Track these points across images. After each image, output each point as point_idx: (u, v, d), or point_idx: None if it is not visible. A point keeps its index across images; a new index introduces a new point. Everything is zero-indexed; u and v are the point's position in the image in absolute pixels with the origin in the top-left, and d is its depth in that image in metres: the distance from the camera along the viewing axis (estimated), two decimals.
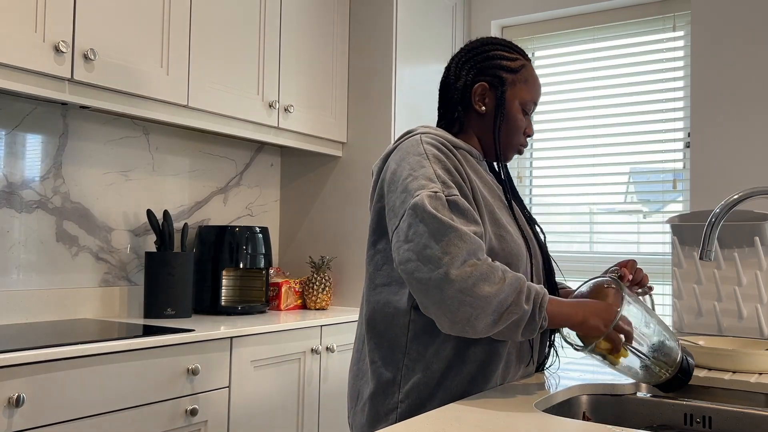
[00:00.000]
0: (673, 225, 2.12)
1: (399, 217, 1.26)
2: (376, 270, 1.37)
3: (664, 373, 1.27)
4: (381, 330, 1.35)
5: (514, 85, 1.43)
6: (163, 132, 2.70)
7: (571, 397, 1.33)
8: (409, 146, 1.34)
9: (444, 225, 1.20)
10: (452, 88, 1.46)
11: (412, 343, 1.31)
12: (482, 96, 1.43)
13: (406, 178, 1.28)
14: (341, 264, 3.04)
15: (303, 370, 2.48)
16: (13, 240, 2.24)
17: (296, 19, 2.82)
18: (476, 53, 1.46)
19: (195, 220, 2.82)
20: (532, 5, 3.29)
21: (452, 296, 1.17)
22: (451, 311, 1.17)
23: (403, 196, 1.27)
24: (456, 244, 1.18)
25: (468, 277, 1.17)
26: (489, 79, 1.43)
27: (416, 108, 3.09)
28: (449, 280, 1.17)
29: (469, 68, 1.45)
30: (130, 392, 1.89)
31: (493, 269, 1.19)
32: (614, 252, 3.12)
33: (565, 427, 1.03)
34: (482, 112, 1.43)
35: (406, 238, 1.23)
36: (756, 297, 1.93)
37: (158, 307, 2.42)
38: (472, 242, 1.20)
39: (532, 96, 1.45)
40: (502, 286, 1.18)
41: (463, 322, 1.18)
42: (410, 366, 1.31)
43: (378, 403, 1.33)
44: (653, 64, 3.07)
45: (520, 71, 1.44)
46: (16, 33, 1.89)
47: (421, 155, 1.30)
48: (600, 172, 3.18)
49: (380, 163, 1.41)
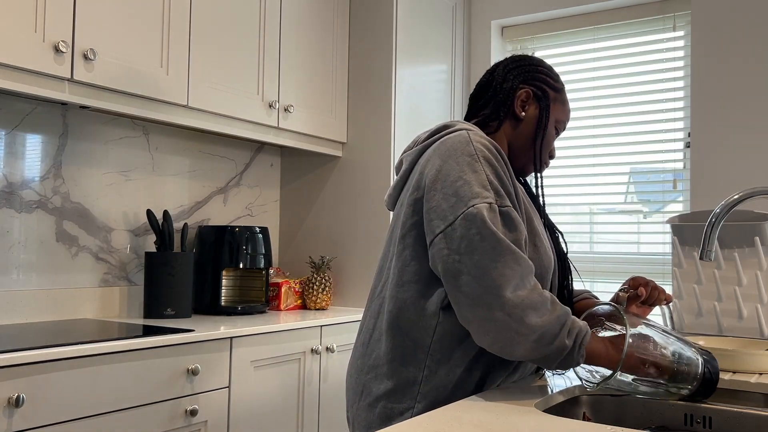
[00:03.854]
0: (673, 225, 2.12)
1: (447, 223, 1.23)
2: (405, 266, 1.33)
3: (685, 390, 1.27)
4: (405, 328, 1.31)
5: (555, 102, 1.46)
6: (163, 132, 2.70)
7: (571, 397, 1.33)
8: (456, 143, 1.30)
9: (501, 245, 1.19)
10: (497, 89, 1.46)
11: (437, 345, 1.29)
12: (525, 102, 1.44)
13: (456, 180, 1.25)
14: (341, 264, 3.04)
15: (303, 370, 2.48)
16: (13, 240, 2.23)
17: (296, 19, 2.82)
18: (525, 63, 1.48)
19: (195, 220, 2.82)
20: (532, 5, 3.29)
21: (499, 319, 1.17)
22: (495, 332, 1.18)
23: (453, 200, 1.24)
24: (511, 267, 1.18)
25: (519, 304, 1.17)
26: (534, 89, 1.45)
27: (416, 108, 3.09)
28: (500, 303, 1.17)
29: (518, 74, 1.46)
30: (130, 392, 1.89)
31: (543, 300, 1.20)
32: (614, 252, 3.12)
33: (565, 427, 1.03)
34: (521, 118, 1.44)
35: (458, 249, 1.21)
36: (756, 297, 1.93)
37: (158, 307, 2.42)
38: (526, 266, 1.20)
39: (565, 118, 1.49)
40: (550, 317, 1.19)
41: (503, 343, 1.19)
42: (432, 367, 1.29)
43: (394, 402, 1.30)
44: (653, 64, 3.07)
45: (561, 92, 1.48)
46: (16, 33, 1.89)
47: (472, 156, 1.27)
48: (600, 172, 3.18)
49: (414, 156, 1.38)
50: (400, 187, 1.40)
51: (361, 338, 1.41)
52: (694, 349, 1.28)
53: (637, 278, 1.42)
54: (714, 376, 1.26)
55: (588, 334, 1.22)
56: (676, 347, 1.27)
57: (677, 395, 1.27)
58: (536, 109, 1.44)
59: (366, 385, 1.36)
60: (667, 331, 1.30)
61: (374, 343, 1.36)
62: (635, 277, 1.43)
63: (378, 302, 1.38)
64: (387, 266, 1.39)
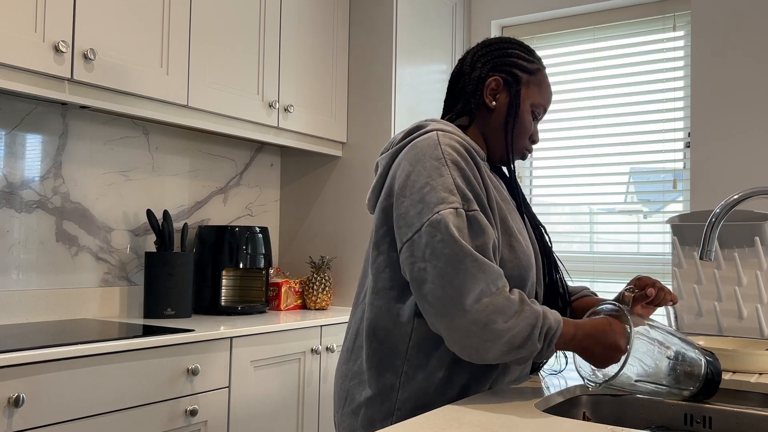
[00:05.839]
0: (673, 225, 2.12)
1: (414, 230, 1.22)
2: (379, 273, 1.32)
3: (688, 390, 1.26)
4: (382, 335, 1.31)
5: (528, 86, 1.40)
6: (163, 132, 2.70)
7: (571, 397, 1.33)
8: (425, 147, 1.27)
9: (464, 252, 1.17)
10: (466, 79, 1.42)
11: (413, 351, 1.28)
12: (495, 91, 1.39)
13: (423, 186, 1.23)
14: (341, 264, 3.04)
15: (303, 370, 2.48)
16: (13, 240, 2.23)
17: (296, 19, 2.82)
18: (494, 48, 1.42)
19: (195, 220, 2.82)
20: (532, 5, 3.29)
21: (464, 327, 1.16)
22: (462, 339, 1.18)
23: (419, 207, 1.22)
24: (473, 275, 1.17)
25: (483, 311, 1.16)
26: (504, 75, 1.39)
27: (416, 108, 3.09)
28: (464, 311, 1.16)
29: (486, 61, 1.41)
30: (130, 392, 1.89)
31: (510, 303, 1.18)
32: (614, 252, 3.12)
33: (565, 427, 1.03)
34: (492, 108, 1.40)
35: (423, 257, 1.20)
36: (756, 297, 1.93)
37: (158, 307, 2.42)
38: (491, 272, 1.18)
39: (544, 101, 1.42)
40: (517, 320, 1.17)
41: (472, 350, 1.18)
42: (410, 373, 1.28)
43: (374, 409, 1.30)
44: (653, 64, 3.07)
45: (536, 74, 1.42)
46: (16, 33, 1.89)
47: (440, 160, 1.25)
48: (600, 172, 3.18)
49: (388, 159, 1.35)
50: (377, 190, 1.37)
51: (346, 344, 1.40)
52: (698, 350, 1.28)
53: (643, 278, 1.37)
54: (716, 377, 1.26)
55: (559, 329, 1.20)
56: (679, 348, 1.27)
57: (679, 396, 1.27)
58: (507, 96, 1.39)
59: (350, 392, 1.35)
60: (670, 332, 1.30)
61: (357, 350, 1.35)
62: (641, 277, 1.38)
63: (361, 308, 1.37)
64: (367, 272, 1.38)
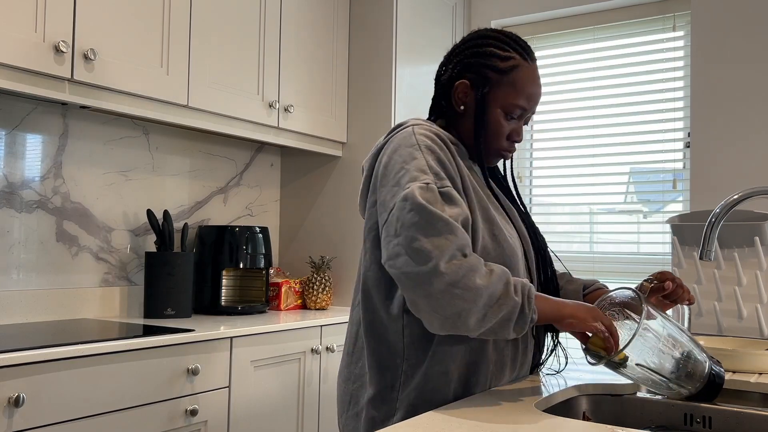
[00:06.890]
0: (673, 225, 2.12)
1: (388, 211, 1.22)
2: (367, 271, 1.33)
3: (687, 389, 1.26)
4: (378, 334, 1.30)
5: (499, 87, 1.33)
6: (163, 132, 2.70)
7: (571, 397, 1.33)
8: (401, 138, 1.29)
9: (434, 217, 1.16)
10: (437, 83, 1.41)
11: (410, 348, 1.28)
12: (463, 94, 1.36)
13: (398, 171, 1.24)
14: (341, 264, 3.04)
15: (303, 370, 2.48)
16: (13, 240, 2.23)
17: (296, 19, 2.82)
18: (468, 47, 1.38)
19: (195, 220, 2.82)
20: (532, 5, 3.29)
21: (442, 290, 1.13)
22: (442, 306, 1.14)
23: (394, 190, 1.23)
24: (446, 237, 1.15)
25: (457, 270, 1.14)
26: (473, 77, 1.35)
27: (416, 108, 3.09)
28: (439, 273, 1.13)
29: (457, 62, 1.37)
30: (130, 392, 1.89)
31: (480, 262, 1.18)
32: (614, 252, 3.12)
33: (565, 427, 1.03)
34: (461, 112, 1.37)
35: (396, 232, 1.19)
36: (756, 297, 1.93)
37: (158, 307, 2.42)
38: (463, 237, 1.17)
39: (519, 101, 1.34)
40: (491, 278, 1.16)
41: (454, 317, 1.15)
42: (409, 372, 1.28)
43: (376, 409, 1.29)
44: (653, 64, 3.07)
45: (510, 73, 1.33)
46: (16, 33, 1.89)
47: (414, 146, 1.26)
48: (600, 172, 3.18)
49: (371, 159, 1.35)
50: (365, 191, 1.37)
51: (347, 347, 1.39)
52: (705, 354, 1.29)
53: (665, 272, 1.36)
54: (718, 380, 1.26)
55: (532, 288, 1.19)
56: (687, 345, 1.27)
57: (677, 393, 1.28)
58: (474, 100, 1.35)
59: (353, 395, 1.35)
60: (681, 329, 1.30)
61: (359, 351, 1.35)
62: (663, 271, 1.37)
63: (357, 310, 1.37)
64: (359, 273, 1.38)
